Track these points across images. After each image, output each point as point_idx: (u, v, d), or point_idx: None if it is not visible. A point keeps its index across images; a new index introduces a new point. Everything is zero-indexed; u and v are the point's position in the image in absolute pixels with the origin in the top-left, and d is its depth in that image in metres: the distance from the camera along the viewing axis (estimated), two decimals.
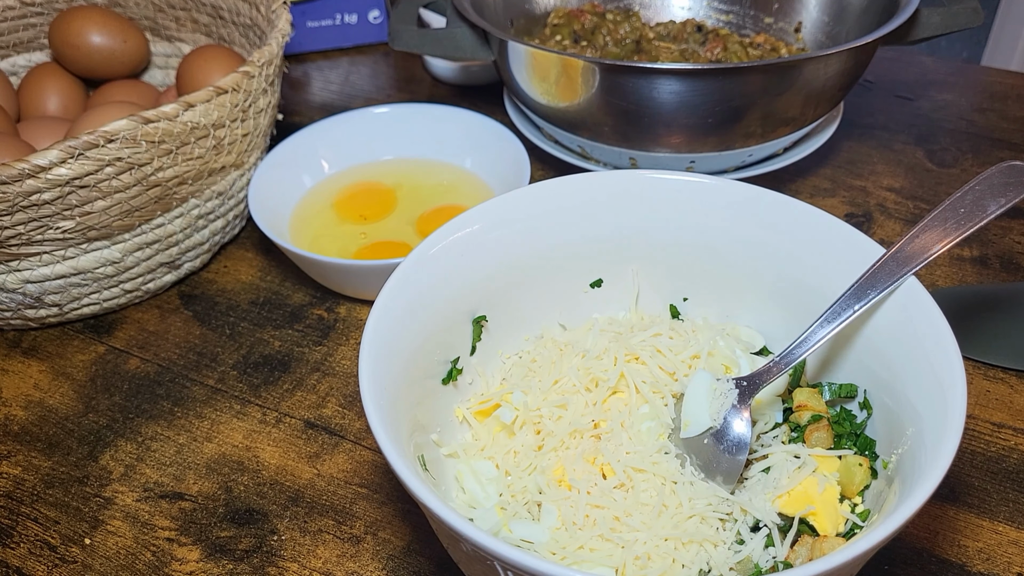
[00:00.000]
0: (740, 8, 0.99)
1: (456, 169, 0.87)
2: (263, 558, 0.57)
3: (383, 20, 1.13)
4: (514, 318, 0.60)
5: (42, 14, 0.92)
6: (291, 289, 0.78)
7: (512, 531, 0.49)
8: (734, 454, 0.50)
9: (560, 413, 0.54)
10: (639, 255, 0.61)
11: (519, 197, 0.58)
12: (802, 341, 0.51)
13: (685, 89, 0.72)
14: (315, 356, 0.72)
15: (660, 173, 0.58)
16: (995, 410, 0.65)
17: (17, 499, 0.62)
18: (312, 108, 1.04)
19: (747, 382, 0.51)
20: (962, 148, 0.93)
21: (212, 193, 0.75)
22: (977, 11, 0.81)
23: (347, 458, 0.63)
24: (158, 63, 0.96)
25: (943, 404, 0.43)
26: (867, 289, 0.50)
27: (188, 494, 0.61)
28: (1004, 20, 1.85)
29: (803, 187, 0.88)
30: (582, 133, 0.81)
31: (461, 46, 0.85)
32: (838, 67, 0.75)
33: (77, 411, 0.68)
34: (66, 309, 0.73)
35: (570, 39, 0.93)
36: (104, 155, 0.62)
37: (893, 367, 0.50)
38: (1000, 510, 0.58)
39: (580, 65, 0.74)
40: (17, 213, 0.62)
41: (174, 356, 0.72)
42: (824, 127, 0.87)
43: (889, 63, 1.07)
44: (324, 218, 0.82)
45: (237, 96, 0.71)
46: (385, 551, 0.57)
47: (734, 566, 0.47)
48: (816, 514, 0.49)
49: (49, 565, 0.57)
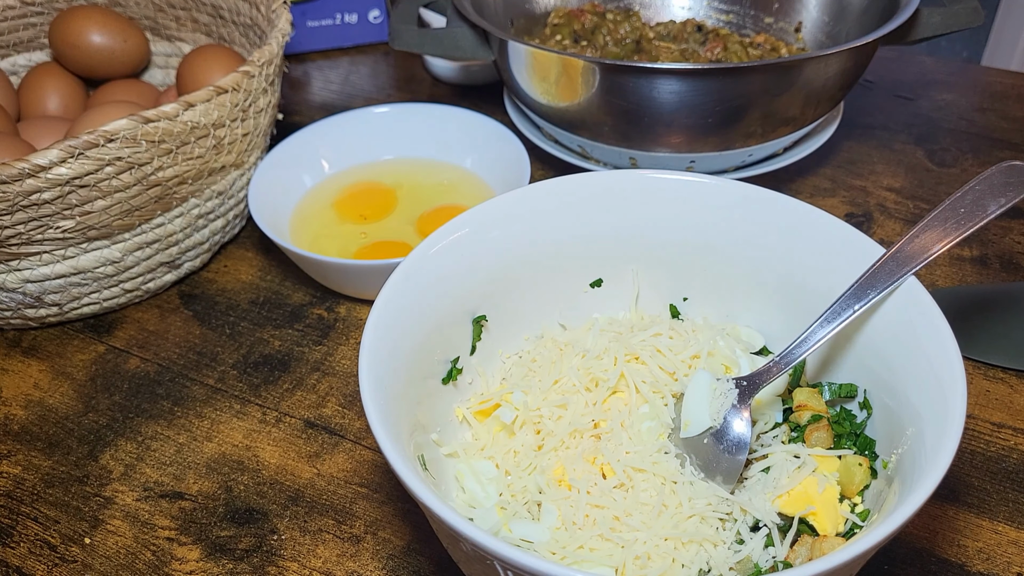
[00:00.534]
0: (740, 8, 0.99)
1: (456, 169, 0.87)
2: (263, 558, 0.57)
3: (383, 20, 1.13)
4: (514, 318, 0.60)
5: (42, 13, 0.92)
6: (291, 289, 0.78)
7: (512, 531, 0.49)
8: (734, 454, 0.50)
9: (560, 413, 0.54)
10: (639, 255, 0.61)
11: (519, 197, 0.58)
12: (802, 341, 0.51)
13: (685, 89, 0.72)
14: (315, 356, 0.72)
15: (660, 173, 0.58)
16: (995, 410, 0.65)
17: (17, 498, 0.62)
18: (312, 108, 1.04)
19: (747, 382, 0.51)
20: (962, 148, 0.93)
21: (212, 193, 0.75)
22: (977, 11, 0.81)
23: (347, 458, 0.63)
24: (158, 63, 0.96)
25: (943, 404, 0.43)
26: (867, 289, 0.50)
27: (188, 493, 0.61)
28: (1004, 20, 1.85)
29: (803, 187, 0.88)
30: (582, 133, 0.81)
31: (461, 46, 0.85)
32: (838, 67, 0.75)
33: (77, 410, 0.68)
34: (66, 309, 0.73)
35: (570, 39, 0.93)
36: (104, 155, 0.63)
37: (893, 367, 0.50)
38: (1000, 510, 0.58)
39: (580, 65, 0.74)
40: (17, 212, 0.62)
41: (174, 356, 0.72)
42: (824, 127, 0.87)
43: (889, 63, 1.07)
44: (324, 218, 0.82)
45: (237, 96, 0.71)
46: (385, 551, 0.57)
47: (734, 566, 0.47)
48: (816, 514, 0.49)
49: (49, 565, 0.57)
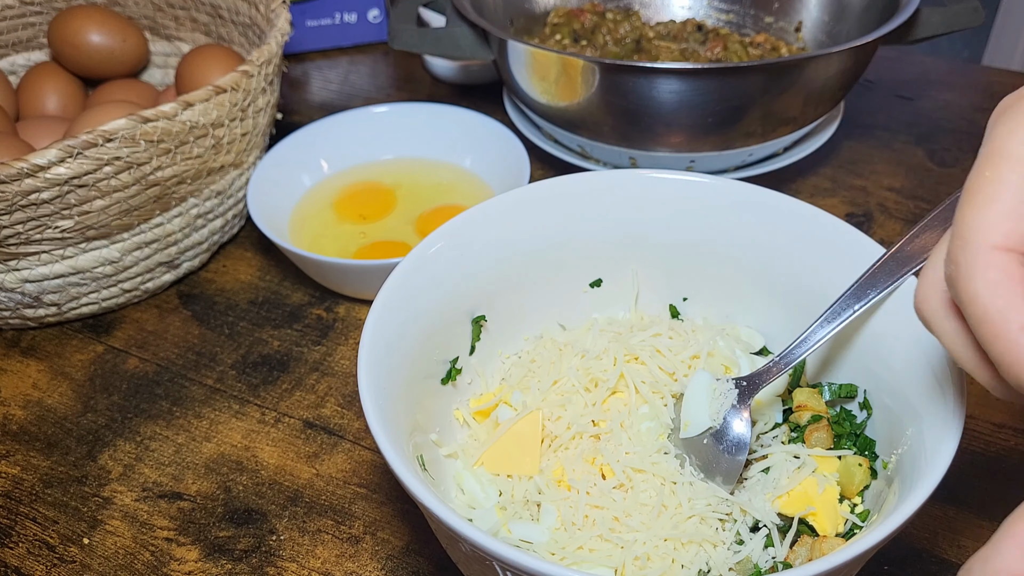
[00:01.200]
0: (740, 7, 0.99)
1: (456, 169, 0.87)
2: (262, 558, 0.57)
3: (383, 19, 1.13)
4: (514, 318, 0.60)
5: (41, 13, 0.92)
6: (290, 289, 0.78)
7: (511, 531, 0.49)
8: (734, 454, 0.50)
9: (560, 413, 0.54)
10: (639, 255, 0.60)
11: (519, 197, 0.58)
12: (802, 341, 0.51)
13: (685, 89, 0.72)
14: (314, 356, 0.72)
15: (660, 173, 0.58)
16: (995, 410, 0.65)
17: (16, 499, 0.61)
18: (312, 108, 1.04)
19: (747, 382, 0.51)
20: (963, 148, 0.93)
21: (211, 192, 0.75)
22: (978, 11, 0.81)
23: (346, 458, 0.63)
24: (157, 62, 0.96)
25: (943, 404, 0.43)
26: (867, 289, 0.50)
27: (187, 494, 0.61)
28: (1004, 20, 1.85)
29: (803, 187, 0.88)
30: (582, 133, 0.81)
31: (461, 45, 0.84)
32: (838, 67, 0.75)
33: (76, 411, 0.68)
34: (65, 308, 0.72)
35: (570, 38, 0.93)
36: (103, 154, 0.62)
37: (893, 367, 0.50)
38: (1000, 511, 0.57)
39: (580, 64, 0.74)
40: (16, 212, 0.62)
41: (173, 356, 0.72)
42: (824, 127, 0.87)
43: (889, 63, 1.07)
44: (324, 218, 0.82)
45: (236, 95, 0.70)
46: (384, 551, 0.57)
47: (734, 566, 0.47)
48: (816, 514, 0.49)
49: (48, 565, 0.57)
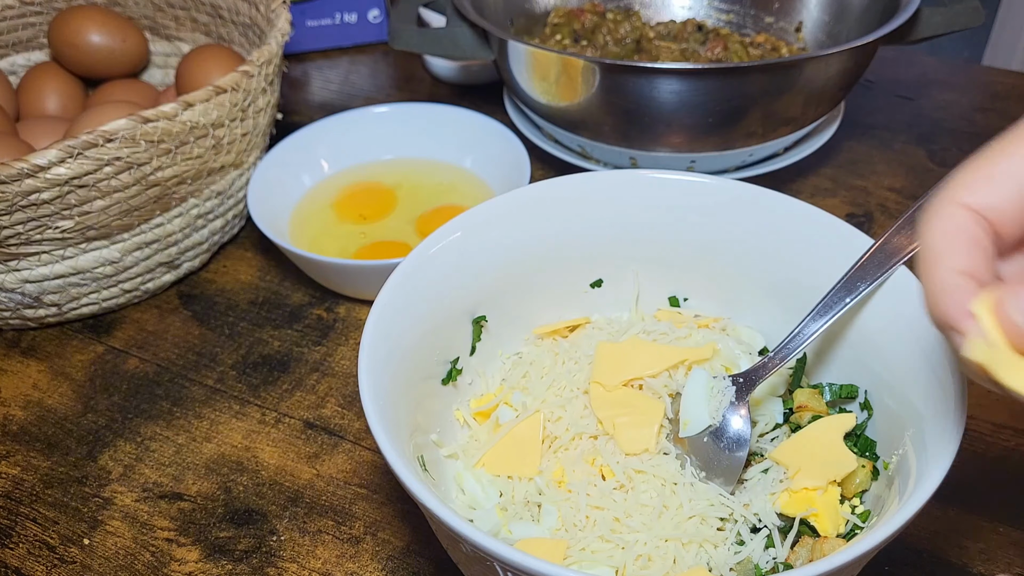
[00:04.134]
0: (741, 8, 0.99)
1: (456, 169, 0.87)
2: (262, 558, 0.57)
3: (383, 19, 1.13)
4: (514, 318, 0.60)
5: (41, 13, 0.92)
6: (290, 289, 0.78)
7: (512, 532, 0.49)
8: (734, 451, 0.50)
9: (560, 414, 0.54)
10: (639, 255, 0.60)
11: (519, 197, 0.58)
12: (795, 336, 0.51)
13: (686, 89, 0.72)
14: (314, 356, 0.72)
15: (660, 173, 0.58)
16: (996, 411, 0.64)
17: (16, 499, 0.61)
18: (312, 108, 1.04)
19: (743, 378, 0.52)
20: (963, 148, 0.93)
21: (211, 193, 0.75)
22: (978, 11, 0.81)
23: (346, 458, 0.63)
24: (157, 62, 0.96)
25: (944, 404, 0.43)
26: (856, 281, 0.50)
27: (187, 494, 0.61)
28: (1005, 20, 1.85)
29: (804, 187, 0.88)
30: (582, 133, 0.81)
31: (461, 45, 0.84)
32: (839, 67, 0.75)
33: (76, 411, 0.68)
34: (65, 309, 0.72)
35: (570, 38, 0.93)
36: (103, 155, 0.62)
37: (893, 367, 0.50)
38: (1001, 511, 0.58)
39: (580, 65, 0.74)
40: (16, 213, 0.62)
41: (173, 356, 0.72)
42: (825, 127, 0.87)
43: (890, 63, 1.07)
44: (324, 218, 0.82)
45: (236, 95, 0.70)
46: (385, 552, 0.57)
47: (734, 567, 0.47)
48: (817, 515, 0.49)
49: (48, 565, 0.57)
